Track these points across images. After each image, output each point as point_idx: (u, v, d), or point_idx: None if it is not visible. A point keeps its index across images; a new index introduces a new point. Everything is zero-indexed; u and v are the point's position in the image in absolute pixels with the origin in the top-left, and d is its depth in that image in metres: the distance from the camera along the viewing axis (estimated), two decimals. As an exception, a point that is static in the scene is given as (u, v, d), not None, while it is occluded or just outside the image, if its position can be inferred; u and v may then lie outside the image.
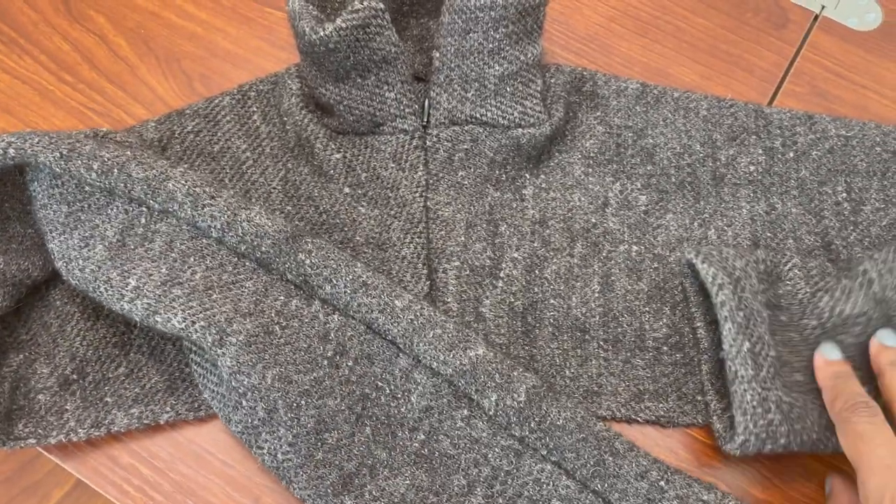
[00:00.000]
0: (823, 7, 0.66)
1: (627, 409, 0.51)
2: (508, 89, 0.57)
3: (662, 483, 0.44)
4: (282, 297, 0.48)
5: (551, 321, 0.54)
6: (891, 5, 0.66)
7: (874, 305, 0.48)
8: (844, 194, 0.57)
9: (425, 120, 0.58)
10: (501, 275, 0.55)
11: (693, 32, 0.65)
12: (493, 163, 0.57)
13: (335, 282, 0.48)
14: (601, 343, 0.53)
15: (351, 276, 0.48)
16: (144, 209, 0.49)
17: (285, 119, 0.58)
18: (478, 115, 0.57)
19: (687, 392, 0.52)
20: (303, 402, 0.45)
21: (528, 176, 0.58)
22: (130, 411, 0.49)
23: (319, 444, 0.45)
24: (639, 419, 0.51)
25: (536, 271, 0.55)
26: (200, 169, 0.56)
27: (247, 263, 0.49)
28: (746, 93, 0.62)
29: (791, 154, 0.58)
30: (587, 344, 0.53)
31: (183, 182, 0.48)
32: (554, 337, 0.53)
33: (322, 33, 0.53)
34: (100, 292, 0.46)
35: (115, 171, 0.47)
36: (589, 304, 0.54)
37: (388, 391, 0.48)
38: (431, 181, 0.57)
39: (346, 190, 0.56)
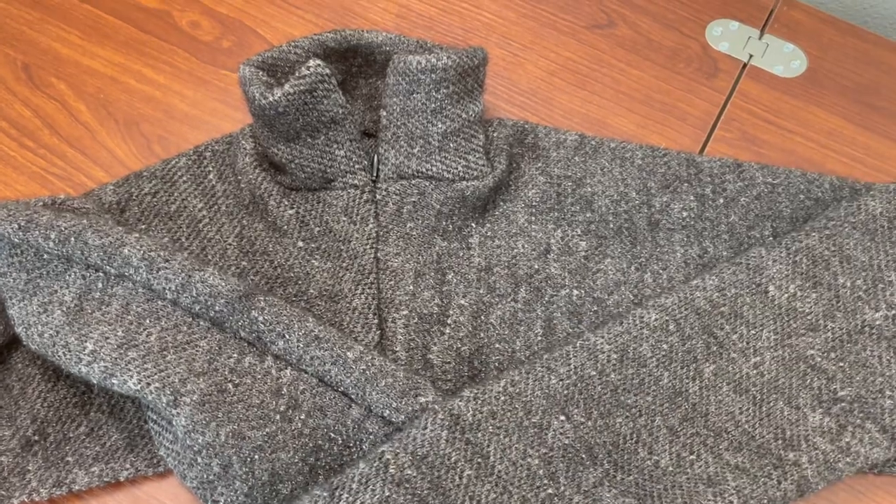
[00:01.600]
0: (751, 56, 0.70)
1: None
2: (452, 145, 0.59)
3: None
4: (235, 355, 0.50)
5: (496, 365, 0.56)
6: (814, 52, 0.70)
7: None
8: (771, 238, 0.60)
9: (375, 175, 0.61)
10: (449, 321, 0.57)
11: (629, 84, 0.69)
12: (440, 214, 0.60)
13: (288, 337, 0.50)
14: (545, 386, 0.56)
15: (303, 331, 0.51)
16: (101, 274, 0.51)
17: (240, 177, 0.61)
18: (424, 170, 0.60)
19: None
20: (256, 457, 0.47)
21: (474, 225, 0.61)
22: (91, 469, 0.51)
23: (274, 494, 0.47)
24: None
25: (482, 317, 0.58)
26: (158, 229, 0.58)
27: (201, 323, 0.51)
28: (680, 140, 0.66)
29: (721, 200, 0.62)
30: (531, 387, 0.56)
31: (138, 247, 0.50)
32: (499, 381, 0.56)
33: (271, 98, 0.56)
34: (58, 356, 0.48)
35: (72, 239, 0.49)
36: (532, 347, 0.57)
37: (340, 441, 0.50)
38: (381, 233, 0.60)
39: (300, 244, 0.59)
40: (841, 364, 0.52)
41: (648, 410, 0.51)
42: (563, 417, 0.49)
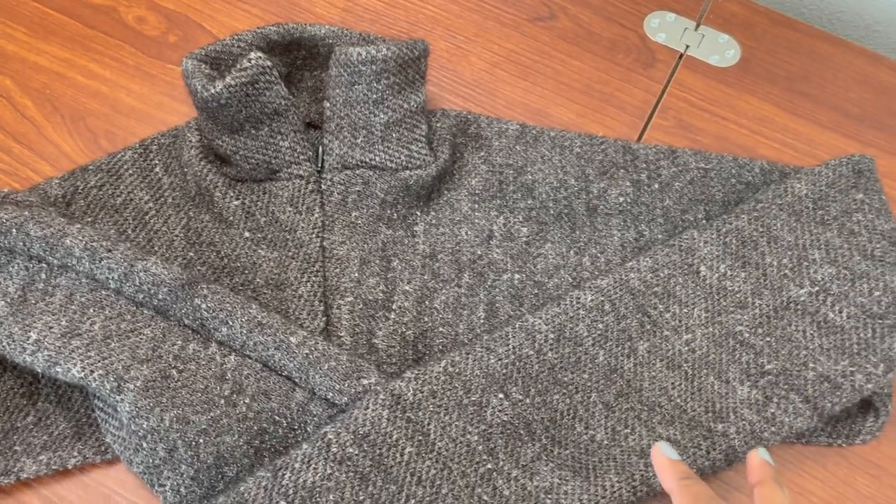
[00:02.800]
0: (688, 47, 0.72)
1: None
2: (394, 135, 0.61)
3: None
4: (179, 342, 0.51)
5: (440, 348, 0.58)
6: (748, 42, 0.73)
7: None
8: (704, 220, 0.62)
9: (320, 165, 0.62)
10: (394, 307, 0.59)
11: (570, 74, 0.71)
12: (385, 203, 0.61)
13: (231, 323, 0.51)
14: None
15: (246, 317, 0.52)
16: (44, 265, 0.52)
17: (186, 170, 0.61)
18: (367, 160, 0.61)
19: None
20: (201, 441, 0.48)
21: (418, 213, 0.63)
22: (39, 458, 0.52)
23: (220, 476, 0.48)
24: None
25: (427, 302, 0.59)
26: (104, 222, 0.59)
27: (145, 312, 0.52)
28: (619, 128, 0.68)
29: (656, 185, 0.64)
30: (473, 369, 0.57)
31: (80, 237, 0.51)
32: (442, 364, 0.57)
33: (213, 90, 0.56)
34: (2, 346, 0.49)
35: (14, 231, 0.50)
36: (475, 330, 0.58)
37: (285, 424, 0.51)
38: (327, 222, 0.61)
39: (246, 234, 0.60)
40: (768, 339, 0.54)
41: (584, 387, 0.53)
42: (501, 395, 0.51)
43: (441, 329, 0.58)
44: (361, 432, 0.47)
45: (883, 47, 0.83)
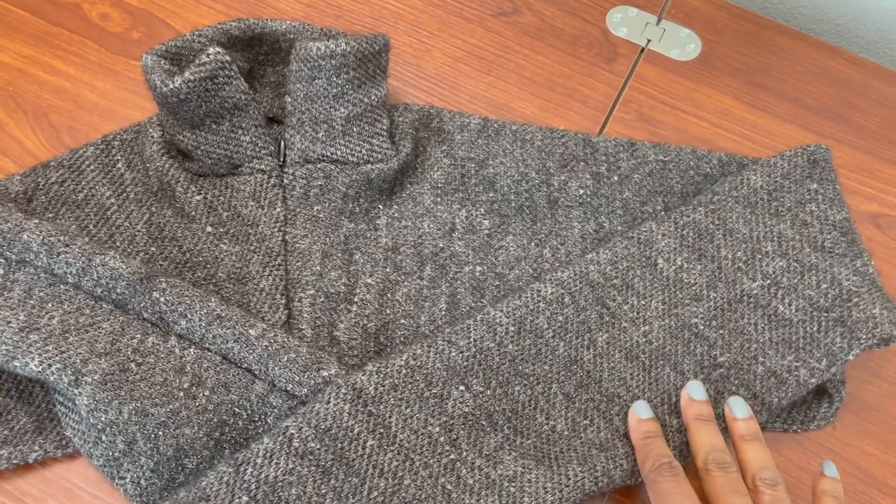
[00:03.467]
0: (649, 41, 0.73)
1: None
2: (355, 129, 0.61)
3: None
4: (138, 336, 0.51)
5: (402, 340, 0.58)
6: (708, 36, 0.73)
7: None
8: (662, 212, 0.63)
9: (282, 160, 0.62)
10: (356, 299, 0.59)
11: (532, 69, 0.71)
12: (347, 197, 0.62)
13: (190, 316, 0.52)
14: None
15: (205, 310, 0.52)
16: (2, 260, 0.52)
17: (148, 165, 0.62)
18: (329, 154, 0.62)
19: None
20: (161, 433, 0.48)
21: (381, 207, 0.63)
22: (0, 453, 0.52)
23: (180, 468, 0.49)
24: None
25: (388, 294, 0.60)
26: (65, 218, 0.59)
27: (104, 306, 0.52)
28: (580, 122, 0.68)
29: (615, 178, 0.64)
30: (433, 360, 0.58)
31: (37, 233, 0.51)
32: (404, 355, 0.58)
33: (172, 86, 0.57)
34: (-40, 342, 0.49)
35: (-30, 226, 0.50)
36: (436, 321, 0.59)
37: (245, 416, 0.51)
38: (289, 216, 0.61)
39: (209, 229, 0.60)
40: (721, 332, 0.55)
41: (545, 378, 0.53)
42: (462, 387, 0.51)
43: (403, 321, 0.59)
44: (323, 426, 0.48)
45: (844, 41, 0.85)
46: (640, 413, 0.52)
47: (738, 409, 0.52)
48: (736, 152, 0.67)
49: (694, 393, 0.52)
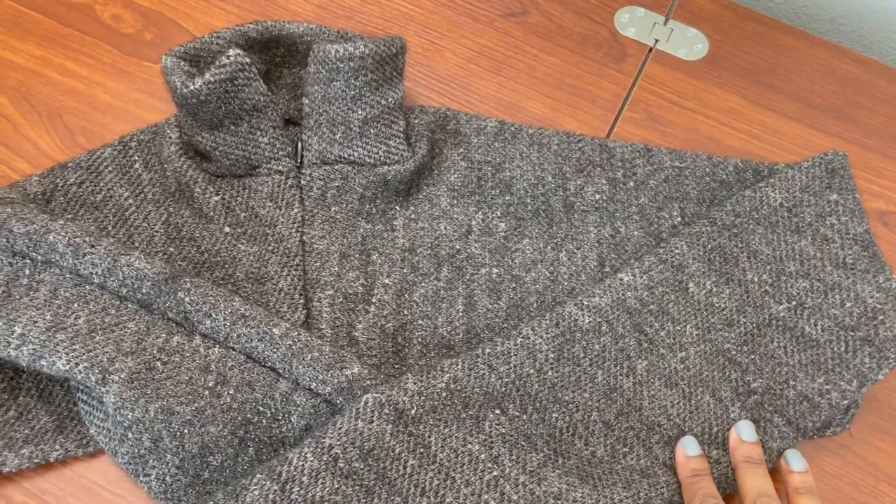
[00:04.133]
0: (657, 41, 0.74)
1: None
2: (372, 131, 0.62)
3: None
4: (163, 335, 0.52)
5: (419, 340, 0.59)
6: (715, 35, 0.74)
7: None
8: (679, 218, 0.64)
9: (299, 161, 0.63)
10: (373, 300, 0.60)
11: (542, 69, 0.72)
12: (364, 198, 0.62)
13: (214, 316, 0.52)
14: (465, 357, 0.58)
15: (229, 310, 0.52)
16: (28, 261, 0.52)
17: (166, 166, 0.62)
18: (346, 155, 0.62)
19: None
20: (186, 431, 0.49)
21: (398, 208, 0.64)
22: (21, 452, 0.52)
23: (205, 465, 0.49)
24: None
25: (406, 295, 0.60)
26: (84, 219, 0.59)
27: (129, 305, 0.52)
28: (590, 121, 0.69)
29: (631, 183, 0.65)
30: (452, 359, 0.58)
31: (63, 234, 0.51)
32: (422, 355, 0.58)
33: (192, 87, 0.57)
34: (-13, 342, 0.49)
35: (-4, 227, 0.50)
36: (454, 322, 0.60)
37: (269, 414, 0.52)
38: (306, 217, 0.62)
39: (227, 229, 0.60)
40: (752, 356, 0.56)
41: (585, 406, 0.54)
42: (498, 411, 0.52)
43: (420, 322, 0.59)
44: (367, 447, 0.48)
45: (847, 40, 0.86)
46: (689, 450, 0.52)
47: (795, 462, 0.52)
48: (745, 150, 0.68)
49: (744, 434, 0.53)
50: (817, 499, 0.50)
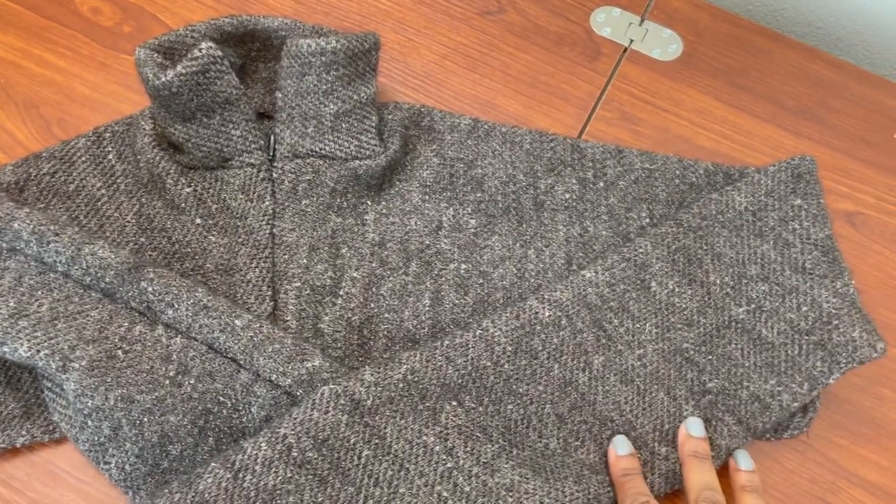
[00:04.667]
0: (632, 41, 0.74)
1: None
2: (344, 125, 0.62)
3: None
4: (126, 324, 0.52)
5: (385, 333, 0.59)
6: (690, 37, 0.75)
7: None
8: (647, 220, 0.64)
9: (272, 154, 0.64)
10: (341, 293, 0.60)
11: (517, 67, 0.72)
12: (335, 192, 0.63)
13: (177, 306, 0.53)
14: (429, 350, 0.59)
15: (192, 301, 0.53)
16: (-7, 248, 0.53)
17: (139, 157, 0.63)
18: (317, 149, 0.63)
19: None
20: (145, 420, 0.49)
21: (369, 203, 0.64)
22: (-13, 437, 0.53)
23: (165, 454, 0.50)
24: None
25: (373, 289, 0.61)
26: (56, 208, 0.60)
27: (92, 294, 0.53)
28: (563, 119, 0.70)
29: (601, 184, 0.66)
30: (416, 352, 0.59)
31: (28, 222, 0.52)
32: (387, 348, 0.59)
33: (164, 79, 0.58)
34: (-50, 328, 0.50)
35: (-38, 215, 0.51)
36: (420, 317, 0.60)
37: (229, 405, 0.52)
38: (277, 210, 0.62)
39: (198, 221, 0.61)
40: (710, 357, 0.56)
41: (539, 398, 0.54)
42: (455, 402, 0.52)
43: (387, 315, 0.60)
44: (321, 437, 0.49)
45: (824, 44, 0.86)
46: (619, 449, 0.53)
47: (743, 461, 0.53)
48: (715, 150, 0.68)
49: (693, 429, 0.53)
50: (762, 498, 0.51)
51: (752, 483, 0.51)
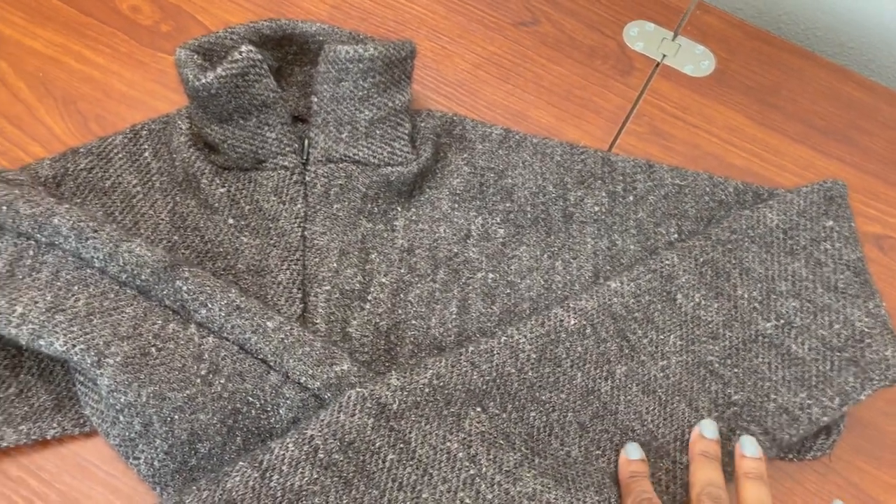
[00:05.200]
0: (664, 56, 0.75)
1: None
2: (378, 132, 0.63)
3: None
4: (159, 322, 0.53)
5: (412, 340, 0.60)
6: (722, 53, 0.75)
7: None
8: (676, 235, 0.64)
9: (305, 157, 0.64)
10: (369, 298, 0.61)
11: (550, 79, 0.73)
12: (366, 197, 0.64)
13: (210, 306, 0.53)
14: (455, 358, 0.59)
15: (225, 301, 0.54)
16: (33, 242, 0.54)
17: (174, 156, 0.63)
18: (351, 154, 0.63)
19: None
20: (176, 417, 0.50)
21: (399, 209, 0.65)
22: (20, 428, 0.54)
23: (193, 452, 0.50)
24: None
25: (401, 295, 0.61)
26: (92, 204, 0.61)
27: (128, 291, 0.54)
28: (594, 132, 0.70)
29: (631, 198, 0.66)
30: (443, 359, 0.59)
31: (67, 217, 0.53)
32: (413, 354, 0.59)
33: (204, 80, 0.58)
34: (-12, 319, 0.51)
35: (4, 208, 0.52)
36: (446, 324, 0.61)
37: (258, 405, 0.53)
38: (309, 213, 0.63)
39: (230, 221, 0.62)
40: (736, 370, 0.56)
41: (561, 406, 0.54)
42: (479, 409, 0.52)
43: (414, 321, 0.61)
44: (347, 440, 0.49)
45: (855, 64, 0.86)
46: (631, 454, 0.53)
47: (749, 447, 0.53)
48: (745, 168, 0.68)
49: (706, 431, 0.54)
50: (766, 485, 0.50)
51: (757, 470, 0.51)
